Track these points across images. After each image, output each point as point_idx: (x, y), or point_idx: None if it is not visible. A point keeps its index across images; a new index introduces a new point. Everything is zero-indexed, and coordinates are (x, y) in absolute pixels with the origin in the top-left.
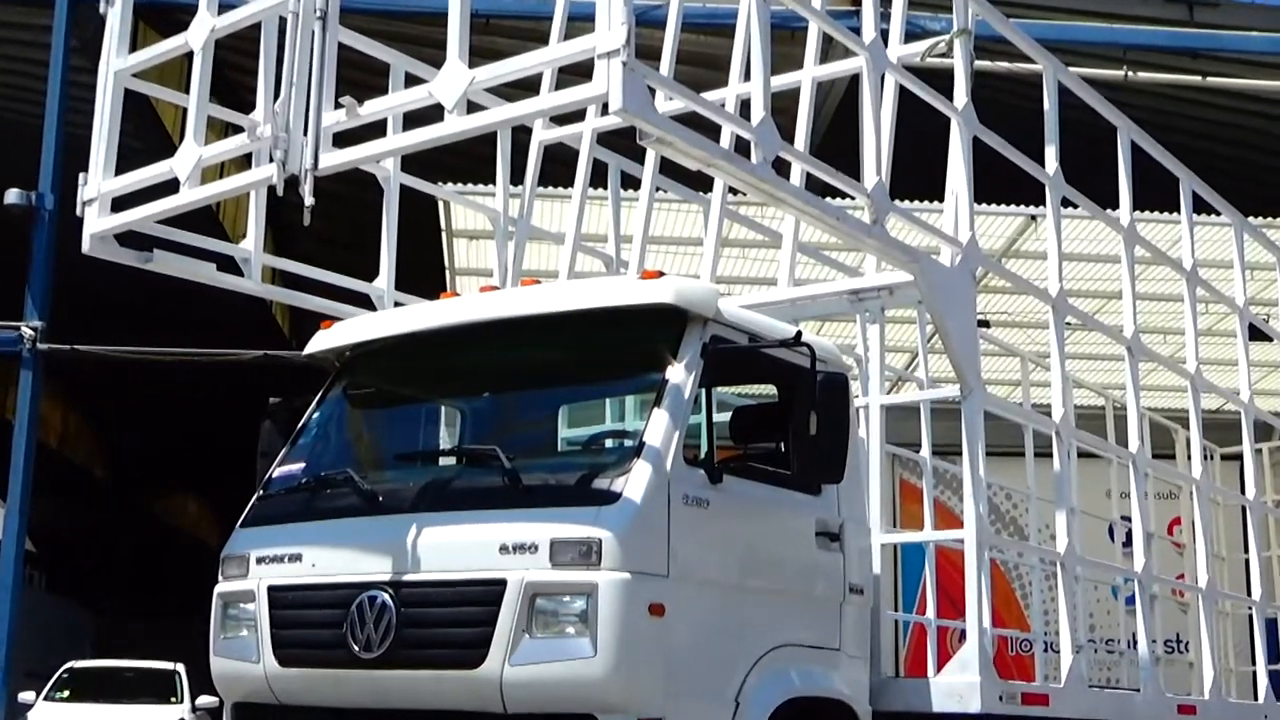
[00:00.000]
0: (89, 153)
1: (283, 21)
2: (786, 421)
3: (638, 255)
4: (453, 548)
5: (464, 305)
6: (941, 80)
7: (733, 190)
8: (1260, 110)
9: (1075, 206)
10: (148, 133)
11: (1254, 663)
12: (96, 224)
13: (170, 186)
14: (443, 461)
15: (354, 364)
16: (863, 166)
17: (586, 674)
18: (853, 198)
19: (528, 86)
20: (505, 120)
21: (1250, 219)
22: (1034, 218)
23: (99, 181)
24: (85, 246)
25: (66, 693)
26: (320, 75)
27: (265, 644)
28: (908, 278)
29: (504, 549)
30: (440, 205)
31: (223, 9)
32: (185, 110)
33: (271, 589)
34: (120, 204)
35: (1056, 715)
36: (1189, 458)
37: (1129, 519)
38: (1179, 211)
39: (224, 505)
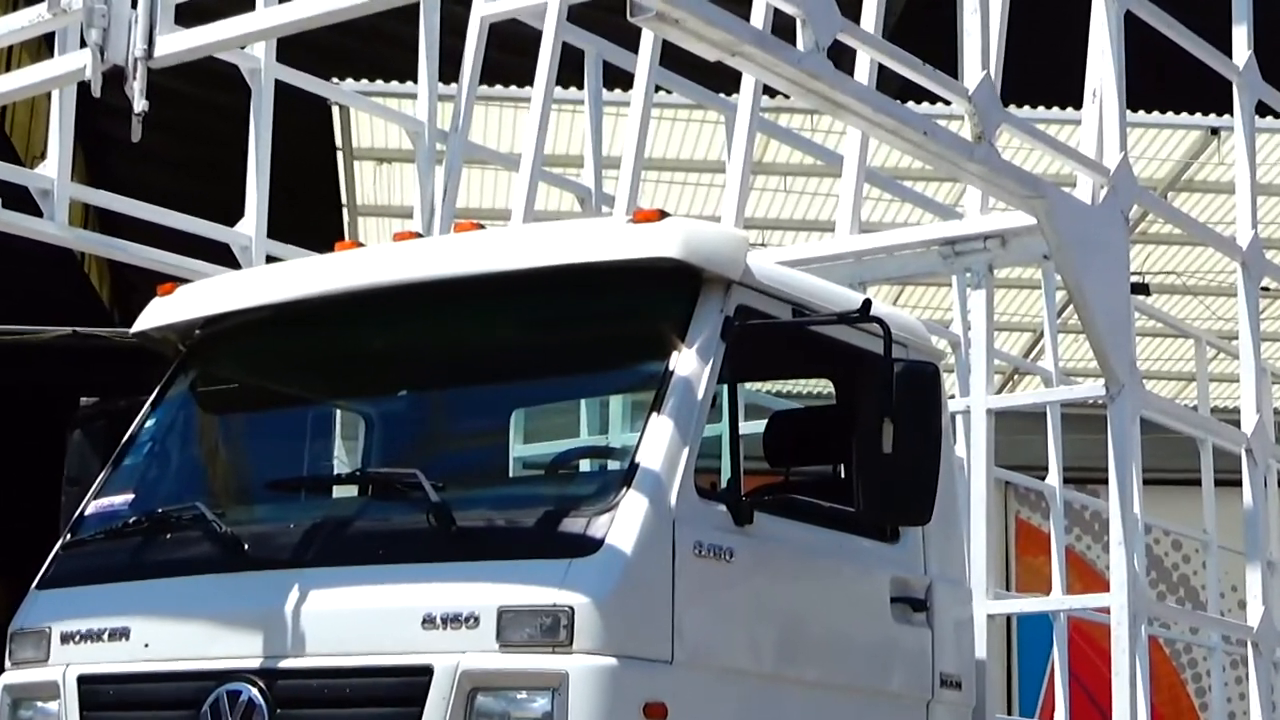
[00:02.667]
0: None
1: None
2: (848, 433)
3: (628, 187)
4: (354, 619)
5: (370, 261)
6: None
7: (769, 92)
8: None
9: (1277, 115)
10: None
11: None
12: None
13: None
14: (339, 491)
15: (206, 347)
16: (961, 58)
17: None
18: (947, 103)
19: None
20: None
21: None
22: (1215, 131)
23: None
24: None
25: None
26: None
27: None
28: (1029, 221)
29: (429, 621)
30: (335, 113)
31: None
32: None
33: (84, 680)
34: None
35: None
36: None
37: None
38: None
39: (13, 556)
